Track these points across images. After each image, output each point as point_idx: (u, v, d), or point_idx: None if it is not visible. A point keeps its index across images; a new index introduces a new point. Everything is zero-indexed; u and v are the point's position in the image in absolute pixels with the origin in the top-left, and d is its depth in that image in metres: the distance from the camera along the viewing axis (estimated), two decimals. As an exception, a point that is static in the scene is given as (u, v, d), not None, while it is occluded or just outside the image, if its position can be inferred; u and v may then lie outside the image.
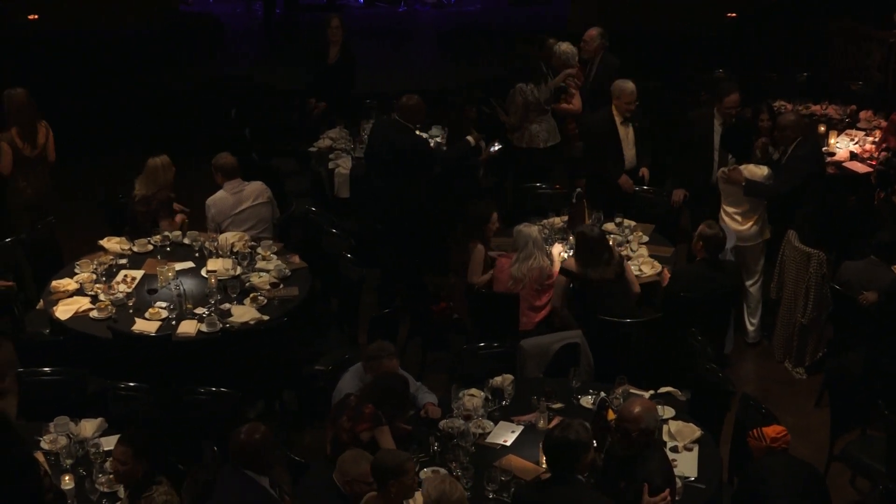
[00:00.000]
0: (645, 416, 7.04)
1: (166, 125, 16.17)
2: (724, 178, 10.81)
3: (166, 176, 10.82)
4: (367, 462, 6.96)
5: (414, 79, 17.72)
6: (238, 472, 6.97)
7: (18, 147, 11.52)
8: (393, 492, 6.73)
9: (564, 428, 6.87)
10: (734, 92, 11.38)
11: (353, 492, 6.96)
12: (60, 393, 8.44)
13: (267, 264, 10.19)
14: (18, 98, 11.54)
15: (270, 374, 9.48)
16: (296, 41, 19.62)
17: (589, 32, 13.42)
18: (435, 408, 8.21)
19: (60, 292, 9.73)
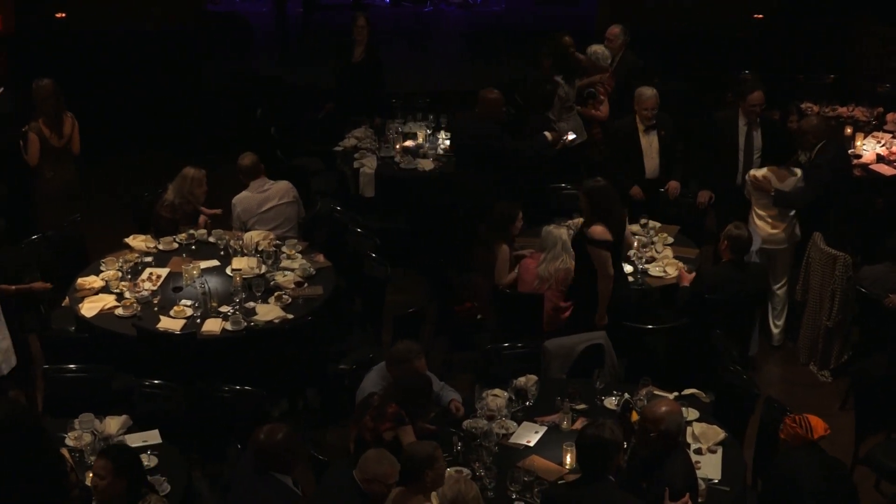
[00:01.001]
0: (667, 417, 7.01)
1: (193, 124, 16.21)
2: (755, 185, 10.77)
3: (194, 189, 10.83)
4: (388, 462, 6.96)
5: (440, 78, 17.73)
6: (260, 473, 7.00)
7: (46, 137, 11.61)
8: (428, 481, 6.76)
9: (599, 426, 6.85)
10: (757, 90, 11.31)
11: (372, 491, 6.96)
12: (85, 390, 8.46)
13: (292, 263, 10.21)
14: (46, 88, 11.64)
15: (294, 373, 9.50)
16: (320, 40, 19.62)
17: (611, 30, 13.39)
18: (459, 405, 8.21)
19: (86, 290, 9.77)
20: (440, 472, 6.85)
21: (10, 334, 9.12)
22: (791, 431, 7.31)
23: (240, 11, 21.00)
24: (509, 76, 14.63)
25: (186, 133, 15.74)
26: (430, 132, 13.29)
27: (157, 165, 11.76)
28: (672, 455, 7.02)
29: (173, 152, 10.98)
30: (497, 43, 19.71)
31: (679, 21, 18.71)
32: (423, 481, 6.76)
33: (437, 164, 12.54)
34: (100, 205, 13.59)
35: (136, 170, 14.79)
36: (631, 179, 11.46)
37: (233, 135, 14.58)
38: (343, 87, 14.12)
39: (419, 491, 6.79)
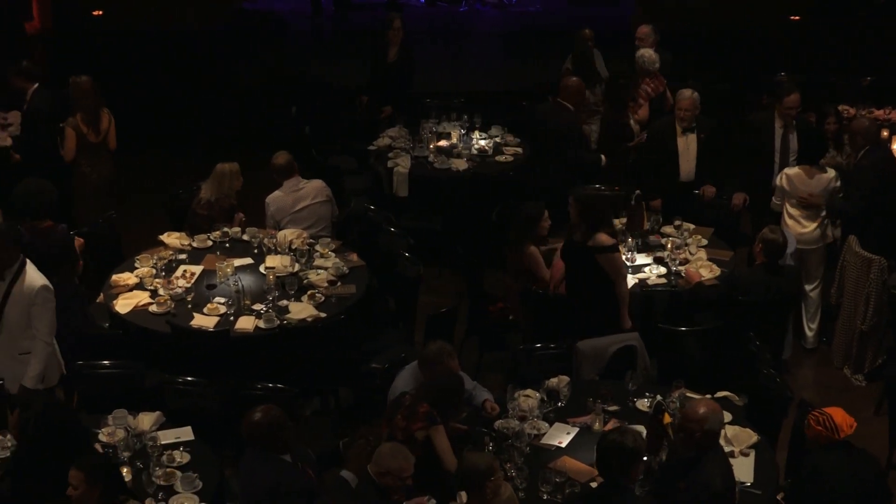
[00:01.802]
0: (710, 417, 7.00)
1: (227, 122, 16.26)
2: (803, 205, 10.71)
3: (231, 183, 10.86)
4: (403, 457, 7.01)
5: (474, 78, 17.73)
6: (259, 452, 7.11)
7: (83, 133, 11.70)
8: (489, 492, 6.79)
9: (622, 433, 6.85)
10: (794, 92, 11.26)
11: (385, 484, 6.98)
12: (119, 386, 8.51)
13: (325, 262, 10.23)
14: (84, 85, 11.74)
15: (326, 371, 9.52)
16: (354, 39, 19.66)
17: (641, 29, 13.38)
18: (493, 404, 8.20)
19: (120, 286, 9.81)
20: (499, 482, 6.89)
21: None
22: (815, 430, 7.27)
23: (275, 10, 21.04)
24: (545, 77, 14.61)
25: (221, 131, 15.78)
26: (464, 132, 13.29)
27: (191, 163, 11.80)
28: (709, 454, 7.00)
29: (208, 150, 11.01)
30: (532, 43, 19.68)
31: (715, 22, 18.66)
32: (484, 492, 6.80)
33: (471, 164, 12.55)
34: (135, 202, 13.65)
35: (171, 167, 14.84)
36: (660, 185, 11.40)
37: (267, 133, 14.62)
38: (375, 86, 14.16)
39: (480, 501, 6.84)
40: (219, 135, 15.59)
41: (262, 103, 16.60)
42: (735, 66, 16.81)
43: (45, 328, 8.55)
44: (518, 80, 17.42)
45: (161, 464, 7.52)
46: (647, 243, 10.69)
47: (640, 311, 9.77)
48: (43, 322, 8.54)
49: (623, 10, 20.61)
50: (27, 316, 8.52)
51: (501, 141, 13.23)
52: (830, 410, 7.28)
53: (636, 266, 10.28)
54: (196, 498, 7.26)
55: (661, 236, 10.79)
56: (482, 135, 13.27)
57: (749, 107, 13.29)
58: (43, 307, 8.52)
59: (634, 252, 10.39)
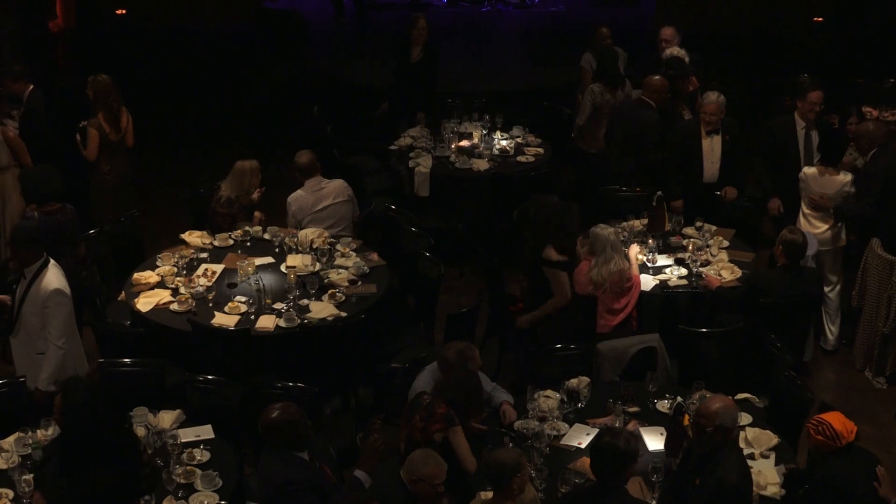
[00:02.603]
0: (722, 412, 6.99)
1: (249, 121, 16.30)
2: (812, 205, 10.69)
3: (252, 180, 10.88)
4: (435, 463, 7.02)
5: (496, 79, 17.73)
6: (276, 449, 7.15)
7: (105, 132, 11.73)
8: (515, 488, 6.81)
9: (615, 435, 6.84)
10: (816, 89, 11.23)
11: (418, 491, 7.00)
12: (140, 384, 8.53)
13: (346, 261, 10.24)
14: (104, 83, 11.78)
15: (347, 371, 9.52)
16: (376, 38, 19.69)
17: (666, 31, 13.35)
18: (511, 408, 8.20)
19: (142, 284, 9.84)
20: (525, 479, 6.92)
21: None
22: (816, 440, 7.19)
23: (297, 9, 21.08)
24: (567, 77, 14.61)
25: (243, 130, 15.82)
26: (485, 132, 13.30)
27: (213, 162, 11.84)
28: (725, 451, 6.99)
29: (230, 149, 11.05)
30: (554, 43, 19.68)
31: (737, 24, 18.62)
32: (510, 488, 6.81)
33: (492, 164, 12.54)
34: (157, 201, 13.71)
35: (193, 166, 14.89)
36: (683, 186, 11.38)
37: (289, 133, 14.65)
38: (399, 86, 14.17)
39: (506, 498, 6.85)
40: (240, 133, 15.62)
41: (284, 102, 16.63)
42: (758, 68, 16.77)
43: (55, 331, 8.55)
44: (540, 80, 17.40)
45: (181, 462, 7.54)
46: (669, 244, 10.67)
47: (661, 312, 9.75)
48: (53, 325, 8.54)
49: (644, 9, 20.60)
50: (41, 317, 8.55)
51: (523, 141, 13.23)
52: (829, 417, 7.17)
53: (657, 267, 10.27)
54: (216, 496, 7.27)
55: (682, 237, 10.77)
56: (504, 135, 13.27)
57: (772, 108, 13.24)
58: (55, 310, 8.53)
59: (655, 253, 10.38)
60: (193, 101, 17.27)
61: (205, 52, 18.55)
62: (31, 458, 7.55)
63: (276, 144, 14.08)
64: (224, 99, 17.23)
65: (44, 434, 7.75)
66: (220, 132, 16.12)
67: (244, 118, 16.52)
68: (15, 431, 7.79)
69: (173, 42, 18.68)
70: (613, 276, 9.57)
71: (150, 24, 19.16)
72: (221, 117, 16.68)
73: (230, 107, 16.98)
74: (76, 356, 8.88)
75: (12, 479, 7.35)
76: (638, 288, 9.74)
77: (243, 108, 16.91)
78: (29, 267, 8.58)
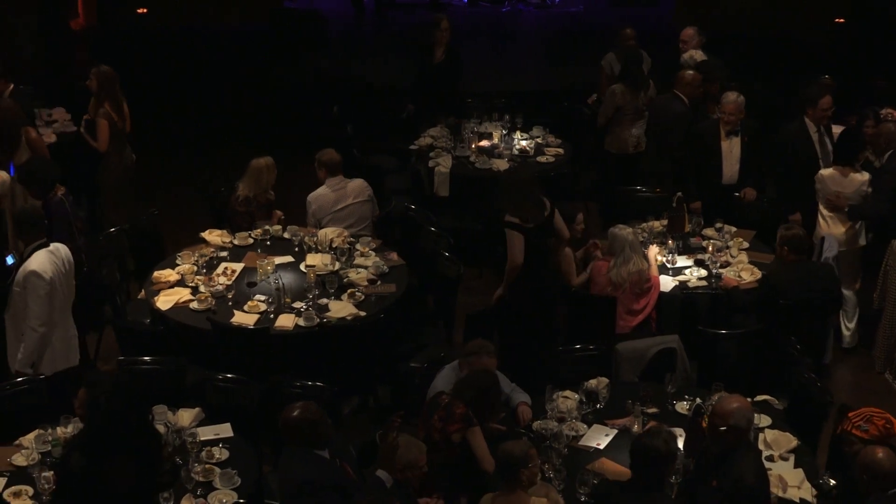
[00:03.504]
0: (735, 413, 6.98)
1: (269, 121, 16.32)
2: (829, 206, 10.66)
3: (269, 178, 10.91)
4: (417, 448, 7.09)
5: (516, 79, 17.71)
6: (297, 448, 7.16)
7: (114, 121, 11.78)
8: (524, 480, 6.84)
9: (654, 436, 6.83)
10: (826, 94, 11.21)
11: (406, 478, 7.05)
12: (159, 382, 8.55)
13: (365, 261, 10.25)
14: (109, 73, 11.88)
15: (366, 370, 9.53)
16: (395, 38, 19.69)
17: (686, 32, 13.34)
18: (527, 408, 8.20)
19: (162, 283, 9.86)
20: (535, 470, 6.94)
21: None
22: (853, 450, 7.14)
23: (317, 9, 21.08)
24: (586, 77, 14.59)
25: (263, 130, 15.84)
26: (505, 132, 13.29)
27: (233, 161, 11.85)
28: (742, 451, 6.97)
29: (250, 149, 11.07)
30: (574, 44, 19.66)
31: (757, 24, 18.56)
32: (519, 480, 6.84)
33: (512, 165, 12.53)
34: (177, 199, 13.73)
35: (213, 165, 14.91)
36: (702, 188, 11.35)
37: (309, 132, 14.66)
38: (422, 86, 14.16)
39: (514, 489, 6.86)
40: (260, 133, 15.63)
41: (304, 102, 16.64)
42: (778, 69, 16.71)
43: (32, 314, 8.64)
44: (560, 80, 17.37)
45: (200, 460, 7.56)
46: (688, 245, 10.66)
47: (681, 313, 9.74)
48: (30, 307, 8.64)
49: (663, 10, 20.56)
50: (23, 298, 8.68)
51: (543, 141, 13.21)
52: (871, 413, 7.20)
53: (677, 268, 10.25)
54: (234, 494, 7.28)
55: (702, 238, 10.75)
56: (523, 135, 13.26)
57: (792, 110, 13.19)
58: (30, 292, 8.62)
59: (675, 254, 10.36)
60: (213, 99, 17.28)
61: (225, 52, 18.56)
62: (50, 454, 7.57)
63: (295, 144, 14.08)
64: (244, 98, 17.24)
65: (63, 431, 7.78)
66: (239, 131, 16.13)
67: (264, 117, 16.53)
68: (35, 428, 7.82)
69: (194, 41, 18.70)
70: (632, 276, 9.58)
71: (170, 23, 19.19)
72: (241, 116, 16.70)
73: (250, 106, 16.99)
74: (62, 344, 8.93)
75: (32, 475, 7.37)
76: (657, 289, 9.74)
77: (263, 107, 16.92)
78: (28, 247, 8.71)
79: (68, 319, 9.02)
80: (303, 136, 14.48)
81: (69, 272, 8.97)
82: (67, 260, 8.93)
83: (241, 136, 15.85)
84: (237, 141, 15.70)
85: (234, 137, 15.92)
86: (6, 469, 7.52)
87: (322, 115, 14.86)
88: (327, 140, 12.04)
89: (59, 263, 8.79)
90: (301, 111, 16.37)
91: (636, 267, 9.62)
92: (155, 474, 7.14)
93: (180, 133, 16.22)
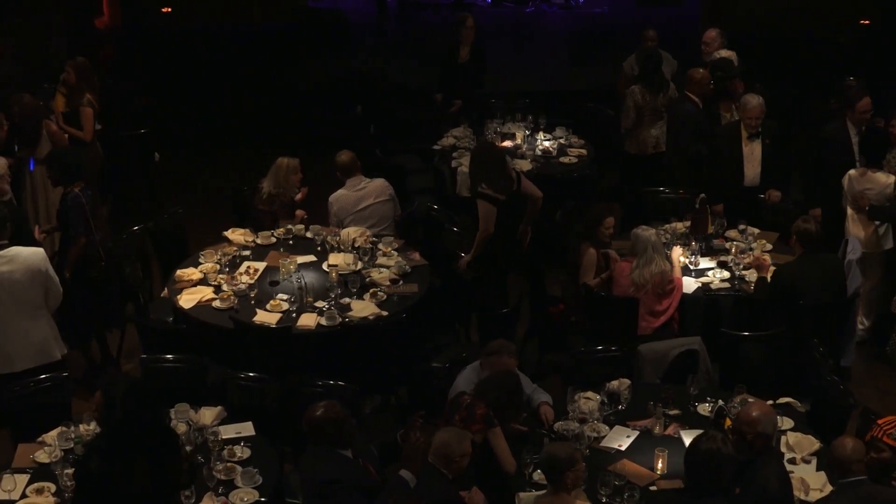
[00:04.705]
0: (763, 419, 6.96)
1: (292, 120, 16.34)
2: (854, 206, 10.62)
3: (290, 177, 10.93)
4: (466, 438, 7.16)
5: (540, 79, 17.69)
6: (320, 447, 7.16)
7: (96, 109, 11.87)
8: (569, 482, 6.85)
9: (712, 439, 6.74)
10: (865, 96, 11.15)
11: (456, 469, 7.07)
12: (181, 380, 8.58)
13: (387, 260, 10.25)
14: (85, 63, 12.12)
15: (387, 370, 9.54)
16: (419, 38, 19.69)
17: (708, 33, 13.28)
18: (549, 409, 8.19)
19: (184, 281, 9.89)
20: (580, 473, 6.95)
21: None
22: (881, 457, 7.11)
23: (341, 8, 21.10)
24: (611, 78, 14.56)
25: (286, 129, 15.86)
26: (528, 133, 13.28)
27: (257, 161, 11.88)
28: (764, 457, 6.95)
29: (273, 148, 11.09)
30: (598, 44, 19.62)
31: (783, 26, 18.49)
32: (564, 482, 6.84)
33: (535, 165, 12.52)
34: (201, 198, 13.77)
35: (236, 164, 14.94)
36: (723, 190, 11.31)
37: (332, 132, 14.68)
38: (446, 86, 14.16)
39: (558, 491, 6.88)
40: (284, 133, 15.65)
41: (327, 102, 16.66)
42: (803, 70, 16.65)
43: None
44: (584, 80, 17.35)
45: (222, 458, 7.58)
46: (711, 247, 10.63)
47: (703, 315, 9.72)
48: None
49: (689, 10, 20.50)
50: None
51: (566, 142, 13.20)
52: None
53: (699, 270, 10.23)
54: (256, 493, 7.30)
55: (725, 240, 10.72)
56: (547, 136, 13.24)
57: (817, 111, 13.15)
58: None
59: (698, 256, 10.34)
60: (236, 99, 17.32)
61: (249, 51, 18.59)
62: (73, 452, 7.60)
63: (319, 143, 14.10)
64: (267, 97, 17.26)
65: (86, 428, 7.80)
66: (263, 131, 16.15)
67: (287, 117, 16.55)
68: (57, 426, 7.85)
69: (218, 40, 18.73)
70: (655, 277, 9.56)
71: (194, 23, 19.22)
72: (264, 116, 16.72)
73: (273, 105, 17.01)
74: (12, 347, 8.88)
75: (54, 472, 7.40)
76: (680, 290, 9.72)
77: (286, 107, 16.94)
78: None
79: (14, 325, 8.86)
80: (326, 136, 14.49)
81: (26, 279, 8.81)
82: (28, 266, 8.79)
83: (265, 135, 15.86)
84: (260, 140, 15.72)
85: (258, 137, 15.93)
86: (29, 466, 7.56)
87: (345, 114, 14.87)
88: (350, 140, 12.05)
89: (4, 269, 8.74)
90: (324, 111, 16.38)
91: (658, 268, 9.60)
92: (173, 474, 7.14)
93: (203, 131, 16.25)
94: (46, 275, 8.88)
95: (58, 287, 9.06)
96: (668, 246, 10.26)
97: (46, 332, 8.99)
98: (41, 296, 8.90)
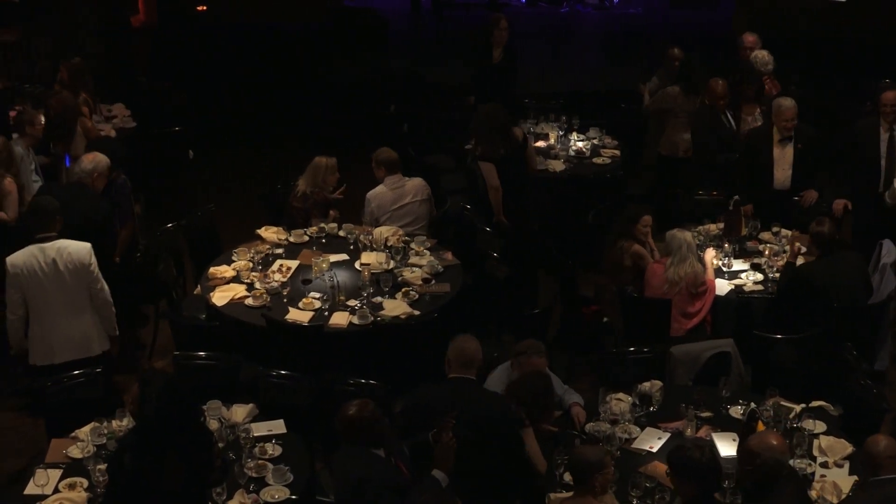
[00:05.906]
0: (762, 453, 6.80)
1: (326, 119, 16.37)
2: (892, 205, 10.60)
3: (326, 177, 10.95)
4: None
5: (573, 80, 17.68)
6: (353, 446, 7.15)
7: (91, 108, 11.98)
8: (597, 485, 6.82)
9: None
10: (887, 90, 11.10)
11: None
12: (214, 377, 8.60)
13: (420, 260, 10.26)
14: (80, 64, 12.29)
15: (419, 369, 9.53)
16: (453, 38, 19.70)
17: (746, 37, 13.21)
18: (581, 409, 8.18)
19: (217, 279, 9.92)
20: (608, 476, 6.93)
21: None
22: None
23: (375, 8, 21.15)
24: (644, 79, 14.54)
25: (321, 128, 15.89)
26: (562, 133, 13.26)
27: (291, 159, 11.91)
28: (783, 481, 6.81)
29: (307, 146, 11.11)
30: (632, 45, 19.60)
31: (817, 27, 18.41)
32: (592, 485, 6.82)
33: (568, 166, 12.51)
34: (234, 196, 13.81)
35: (271, 163, 14.99)
36: (753, 192, 11.26)
37: (365, 131, 14.70)
38: (480, 87, 14.15)
39: (586, 493, 6.85)
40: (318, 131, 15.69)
41: (361, 101, 16.68)
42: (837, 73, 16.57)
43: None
44: (617, 81, 17.33)
45: (253, 456, 7.59)
46: (745, 249, 10.59)
47: (736, 317, 9.68)
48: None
49: (722, 12, 20.45)
50: None
51: (599, 143, 13.18)
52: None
53: (732, 272, 10.20)
54: (287, 490, 7.31)
55: (758, 242, 10.69)
56: (580, 136, 13.23)
57: (853, 114, 13.09)
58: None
59: (731, 258, 10.31)
60: (271, 97, 17.36)
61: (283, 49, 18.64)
62: (106, 447, 7.63)
63: (352, 142, 14.12)
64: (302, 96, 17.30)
65: (118, 424, 7.84)
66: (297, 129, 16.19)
67: (321, 116, 16.58)
68: (90, 421, 7.89)
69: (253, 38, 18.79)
70: (688, 276, 9.55)
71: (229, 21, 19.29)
72: (299, 114, 16.76)
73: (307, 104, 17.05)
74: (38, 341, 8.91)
75: (87, 468, 7.44)
76: (713, 292, 9.70)
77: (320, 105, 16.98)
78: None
79: (56, 318, 8.89)
80: (359, 135, 14.52)
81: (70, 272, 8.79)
82: (65, 261, 8.76)
83: (299, 134, 15.90)
84: (294, 139, 15.76)
85: (292, 135, 15.97)
86: (62, 461, 7.59)
87: (379, 113, 14.89)
88: (384, 139, 12.07)
89: (39, 261, 8.70)
90: (358, 110, 16.41)
91: (692, 268, 9.58)
92: (205, 471, 7.17)
93: (236, 130, 16.30)
94: (89, 269, 8.87)
95: (103, 288, 9.00)
96: (702, 248, 10.24)
97: (89, 327, 9.01)
98: (85, 290, 8.90)
